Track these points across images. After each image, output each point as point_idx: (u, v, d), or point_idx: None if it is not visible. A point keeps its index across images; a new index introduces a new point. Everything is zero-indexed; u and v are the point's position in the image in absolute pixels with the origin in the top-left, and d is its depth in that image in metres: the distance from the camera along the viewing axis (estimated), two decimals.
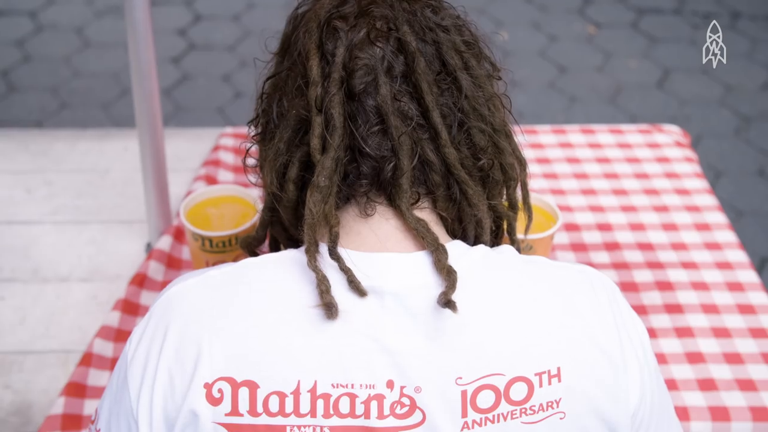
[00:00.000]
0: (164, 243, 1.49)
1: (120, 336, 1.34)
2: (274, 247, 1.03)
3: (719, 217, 1.61)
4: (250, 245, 1.04)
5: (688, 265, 1.50)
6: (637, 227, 1.58)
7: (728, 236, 1.56)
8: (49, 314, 1.40)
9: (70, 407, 1.24)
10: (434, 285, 0.85)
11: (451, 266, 0.85)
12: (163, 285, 1.43)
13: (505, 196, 0.99)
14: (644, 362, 0.90)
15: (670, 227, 1.58)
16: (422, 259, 0.87)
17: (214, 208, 1.33)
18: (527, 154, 1.75)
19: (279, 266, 0.87)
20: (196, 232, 1.26)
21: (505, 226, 1.01)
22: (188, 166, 1.70)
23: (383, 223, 0.88)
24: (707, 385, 1.29)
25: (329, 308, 0.81)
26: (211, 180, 1.64)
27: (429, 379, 0.82)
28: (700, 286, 1.46)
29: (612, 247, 1.53)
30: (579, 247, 1.53)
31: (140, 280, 1.43)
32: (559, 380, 0.84)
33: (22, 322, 1.38)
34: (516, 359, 0.84)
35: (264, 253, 1.06)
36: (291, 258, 0.88)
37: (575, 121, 3.26)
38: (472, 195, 0.92)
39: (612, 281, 0.95)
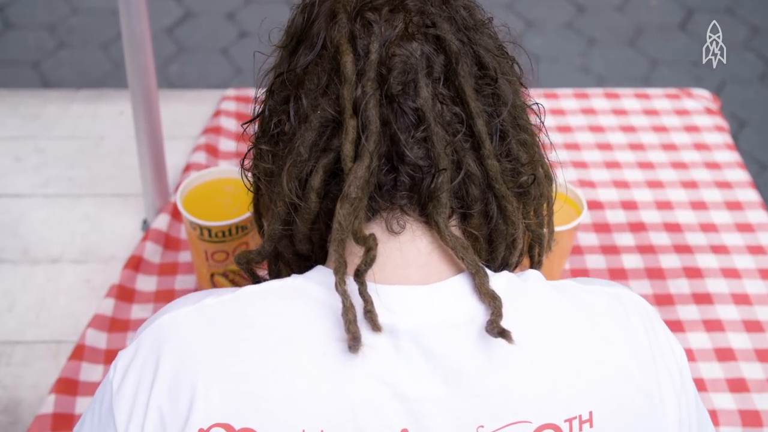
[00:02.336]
0: (161, 222, 1.40)
1: (114, 326, 1.27)
2: (273, 264, 0.93)
3: (751, 195, 1.51)
4: (250, 262, 0.90)
5: (718, 249, 1.40)
6: (663, 205, 1.48)
7: (761, 216, 1.47)
8: (39, 300, 1.32)
9: (60, 406, 1.16)
10: (454, 322, 0.76)
11: (494, 291, 0.76)
12: (160, 268, 1.35)
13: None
14: (681, 392, 0.82)
15: (698, 206, 1.48)
16: (442, 291, 0.78)
17: (214, 192, 1.24)
18: (548, 120, 1.65)
19: (283, 298, 0.78)
20: (194, 221, 1.17)
21: (525, 246, 0.92)
22: (187, 132, 1.60)
23: (406, 244, 0.79)
24: (738, 385, 1.21)
25: (355, 340, 0.72)
26: (211, 150, 1.54)
27: (447, 427, 0.74)
28: (730, 273, 1.37)
29: (637, 228, 1.44)
30: (602, 228, 1.44)
31: (135, 263, 1.34)
32: (591, 425, 0.76)
33: (11, 309, 1.30)
34: (544, 404, 0.76)
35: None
36: (296, 288, 0.79)
37: (593, 64, 3.13)
38: (511, 212, 0.83)
39: (647, 303, 0.86)
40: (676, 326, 1.28)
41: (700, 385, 1.21)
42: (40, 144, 1.57)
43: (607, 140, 1.61)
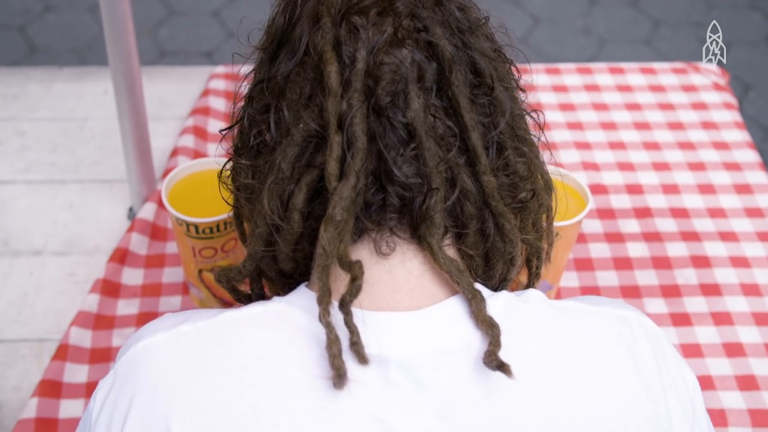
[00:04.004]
0: (147, 211, 1.34)
1: (99, 323, 1.21)
2: (256, 281, 0.88)
3: (761, 177, 1.45)
4: (230, 280, 0.85)
5: (727, 237, 1.35)
6: (670, 189, 1.43)
7: None
8: (21, 295, 1.26)
9: (43, 410, 1.12)
10: (448, 350, 0.71)
11: (492, 318, 0.71)
12: (146, 260, 1.30)
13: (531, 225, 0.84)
14: (694, 422, 0.77)
15: (706, 189, 1.43)
16: (435, 316, 0.72)
17: (201, 184, 1.18)
18: (550, 98, 1.60)
19: (264, 326, 0.72)
20: (180, 218, 1.12)
21: (523, 259, 0.87)
22: (175, 113, 1.54)
23: (397, 267, 0.74)
24: (747, 383, 1.17)
25: (340, 377, 0.67)
26: (200, 132, 1.48)
27: None
28: (739, 262, 1.31)
29: (643, 213, 1.38)
30: (606, 214, 1.38)
31: (121, 256, 1.29)
32: None
33: None
34: None
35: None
36: (278, 314, 0.73)
37: (595, 26, 3.05)
38: (509, 230, 0.77)
39: (657, 327, 0.80)
40: (683, 319, 1.23)
41: (708, 382, 1.16)
42: (22, 126, 1.51)
43: (612, 119, 1.55)
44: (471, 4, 0.78)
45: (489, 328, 0.70)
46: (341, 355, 0.67)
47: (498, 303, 0.74)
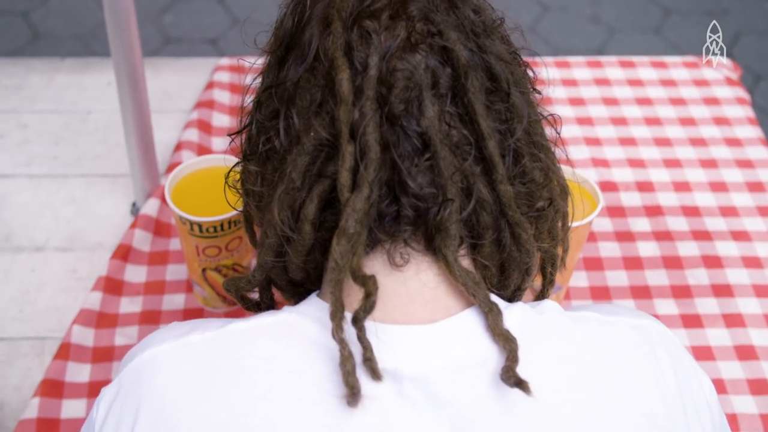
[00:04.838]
0: (151, 207, 1.32)
1: (102, 321, 1.20)
2: (266, 291, 0.85)
3: None
4: (239, 290, 0.83)
5: (739, 236, 1.33)
6: (681, 187, 1.40)
7: None
8: (23, 292, 1.25)
9: (45, 410, 1.10)
10: (464, 365, 0.69)
11: (509, 332, 0.69)
12: (150, 257, 1.28)
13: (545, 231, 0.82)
14: (712, 429, 0.76)
15: (718, 187, 1.40)
16: (451, 330, 0.70)
17: (205, 181, 1.16)
18: (559, 92, 1.57)
19: (274, 338, 0.71)
20: (184, 217, 1.10)
21: (537, 266, 0.84)
22: (179, 105, 1.52)
23: (411, 278, 0.72)
24: (760, 387, 1.15)
25: (353, 393, 0.65)
26: (204, 126, 1.46)
27: None
28: (752, 262, 1.29)
29: (654, 212, 1.36)
30: (617, 212, 1.36)
31: (124, 253, 1.27)
32: None
33: None
34: None
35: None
36: (289, 325, 0.71)
37: (604, 14, 3.02)
38: (525, 240, 0.75)
39: (673, 334, 0.79)
40: (694, 321, 1.21)
41: (719, 386, 1.14)
42: (24, 119, 1.49)
43: (622, 114, 1.53)
44: (486, 6, 0.76)
45: (506, 343, 0.68)
46: (355, 373, 0.65)
47: (514, 315, 0.72)
